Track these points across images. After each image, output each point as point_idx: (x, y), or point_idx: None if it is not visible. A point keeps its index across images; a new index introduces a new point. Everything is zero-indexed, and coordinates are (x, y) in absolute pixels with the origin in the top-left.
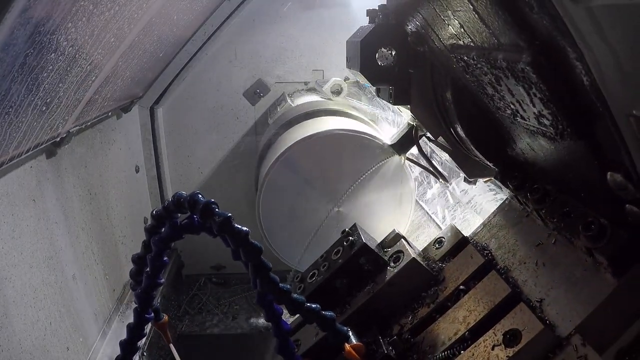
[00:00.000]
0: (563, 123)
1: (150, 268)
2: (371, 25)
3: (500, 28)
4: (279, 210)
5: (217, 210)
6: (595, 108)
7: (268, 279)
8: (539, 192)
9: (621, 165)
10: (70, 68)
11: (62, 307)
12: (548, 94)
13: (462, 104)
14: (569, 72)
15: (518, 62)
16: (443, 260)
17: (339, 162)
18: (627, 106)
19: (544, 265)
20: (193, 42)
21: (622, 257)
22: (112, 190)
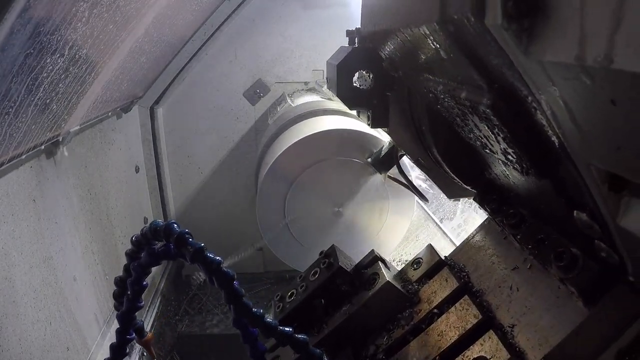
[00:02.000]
0: (527, 163)
1: (130, 292)
2: (349, 47)
3: (461, 68)
4: (279, 210)
5: (191, 240)
6: (557, 153)
7: (241, 304)
8: (515, 217)
9: (586, 205)
10: (70, 68)
11: (62, 307)
12: (509, 136)
13: (438, 129)
14: (529, 117)
15: (479, 103)
16: (420, 282)
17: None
18: (586, 156)
19: (517, 290)
20: (193, 42)
21: (593, 289)
22: (112, 190)
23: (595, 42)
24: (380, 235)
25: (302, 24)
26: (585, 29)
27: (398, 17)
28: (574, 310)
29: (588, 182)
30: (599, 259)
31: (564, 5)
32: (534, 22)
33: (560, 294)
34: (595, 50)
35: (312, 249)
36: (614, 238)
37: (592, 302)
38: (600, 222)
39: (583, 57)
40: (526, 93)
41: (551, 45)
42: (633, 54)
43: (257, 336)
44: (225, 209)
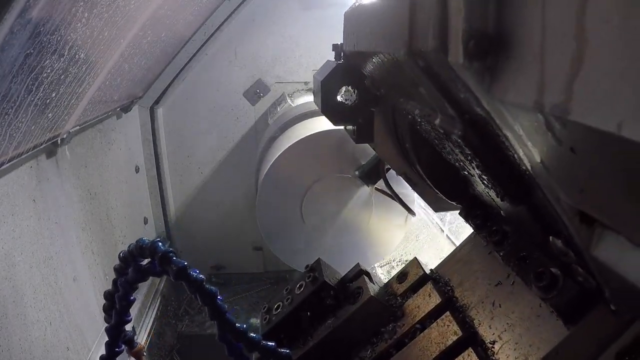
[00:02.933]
0: (501, 190)
1: (119, 307)
2: (334, 63)
3: (434, 97)
4: (279, 210)
5: (174, 259)
6: (529, 185)
7: (225, 321)
8: (498, 234)
9: (561, 232)
10: (70, 68)
11: (62, 307)
12: (482, 164)
13: (420, 147)
14: (500, 149)
15: (451, 132)
16: (404, 296)
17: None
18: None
19: (500, 306)
20: (193, 42)
21: (572, 310)
22: (112, 190)
23: (553, 90)
24: (380, 235)
25: (302, 24)
26: (545, 74)
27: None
28: (554, 328)
29: (560, 213)
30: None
31: (525, 47)
32: (496, 61)
33: (541, 312)
34: (553, 98)
35: (312, 249)
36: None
37: (572, 322)
38: (575, 250)
39: (542, 104)
40: (495, 127)
41: (512, 87)
42: (590, 106)
43: (242, 349)
44: (225, 209)
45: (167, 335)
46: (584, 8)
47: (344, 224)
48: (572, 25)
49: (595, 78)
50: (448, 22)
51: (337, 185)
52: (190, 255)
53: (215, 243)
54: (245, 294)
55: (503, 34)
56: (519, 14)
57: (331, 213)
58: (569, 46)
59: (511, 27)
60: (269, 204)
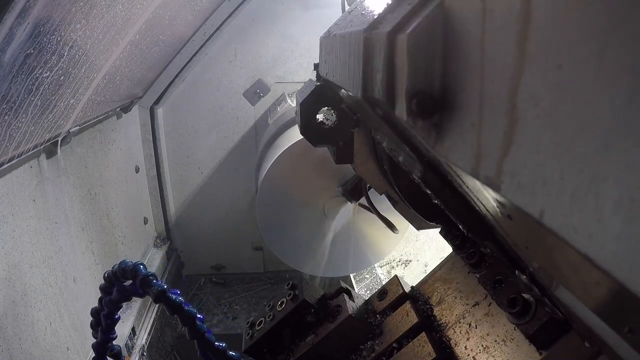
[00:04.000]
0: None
1: (104, 324)
2: (313, 84)
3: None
4: (279, 210)
5: (154, 282)
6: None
7: (204, 340)
8: (476, 256)
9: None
10: (70, 68)
11: (62, 307)
12: (442, 204)
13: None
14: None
15: (412, 172)
16: (383, 314)
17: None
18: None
19: (476, 327)
20: (193, 42)
21: (543, 337)
22: (112, 190)
23: (487, 162)
24: (380, 234)
25: (302, 24)
26: (481, 144)
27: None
28: (527, 353)
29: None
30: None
31: (465, 114)
32: (442, 120)
33: (515, 335)
34: (486, 171)
35: (312, 249)
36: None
37: (545, 348)
38: (539, 287)
39: (477, 173)
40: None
41: (454, 149)
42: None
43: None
44: (225, 209)
45: (167, 335)
46: (517, 85)
47: (344, 224)
48: (504, 100)
49: (521, 159)
50: (394, 77)
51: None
52: (190, 255)
53: (215, 243)
54: (245, 294)
55: (447, 96)
56: (460, 79)
57: (331, 213)
58: (502, 121)
59: (454, 91)
60: (268, 204)
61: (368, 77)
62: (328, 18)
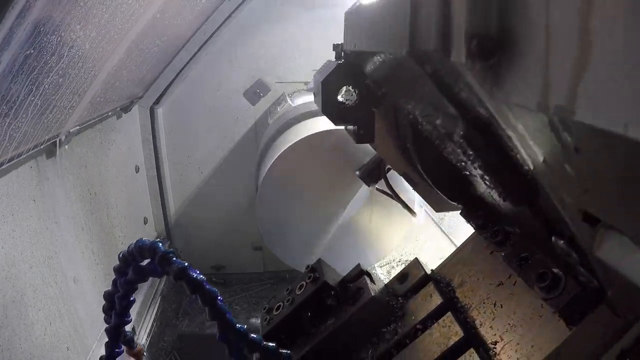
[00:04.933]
0: (503, 191)
1: (119, 307)
2: (335, 62)
3: (436, 98)
4: (279, 210)
5: (174, 260)
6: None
7: (225, 322)
8: (500, 234)
9: (564, 233)
10: (70, 68)
11: (62, 307)
12: (483, 165)
13: (422, 147)
14: (502, 150)
15: (453, 132)
16: (405, 297)
17: (339, 160)
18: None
19: (501, 306)
20: (193, 42)
21: (574, 311)
22: (112, 190)
23: (557, 92)
24: (380, 234)
25: (302, 24)
26: (549, 76)
27: (374, 41)
28: (556, 329)
29: (563, 214)
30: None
31: (529, 48)
32: (500, 62)
33: (542, 312)
34: (557, 100)
35: (312, 249)
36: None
37: (574, 323)
38: (578, 250)
39: (545, 106)
40: (498, 127)
41: (515, 88)
42: (595, 108)
43: (243, 349)
44: (225, 209)
45: (167, 335)
46: (589, 8)
47: (344, 224)
48: (576, 26)
49: (600, 79)
50: (451, 21)
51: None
52: (190, 255)
53: (215, 243)
54: (245, 294)
55: (506, 35)
56: (522, 14)
57: (331, 213)
58: (574, 47)
59: (515, 27)
60: (269, 204)
61: (416, 28)
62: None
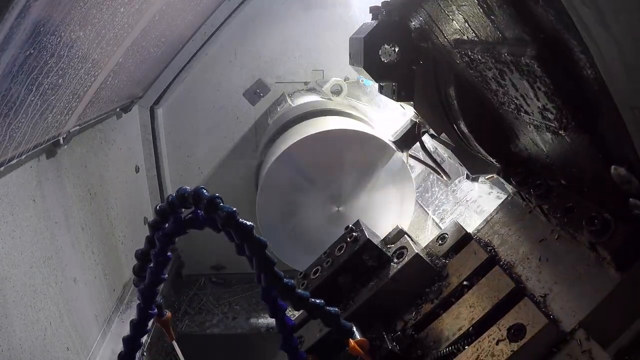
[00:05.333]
0: (567, 117)
1: (154, 263)
2: (374, 22)
3: (505, 22)
4: (279, 210)
5: (222, 205)
6: (599, 101)
7: (273, 273)
8: (542, 187)
9: (625, 158)
10: (70, 68)
11: (62, 307)
12: (552, 87)
13: (466, 100)
14: (574, 65)
15: (522, 56)
16: (446, 256)
17: (338, 161)
18: (631, 99)
19: (547, 260)
20: (193, 42)
21: (626, 252)
22: (112, 190)
23: None
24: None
25: (302, 24)
26: None
27: None
28: (605, 277)
29: (630, 128)
30: (632, 219)
31: None
32: None
33: (590, 262)
34: None
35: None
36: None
37: (624, 268)
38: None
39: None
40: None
41: None
42: None
43: (286, 310)
44: None
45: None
46: None
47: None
48: None
49: None
50: None
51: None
52: (190, 255)
53: (215, 243)
54: (245, 294)
55: None
56: None
57: (331, 213)
58: None
59: None
60: (269, 204)
61: None
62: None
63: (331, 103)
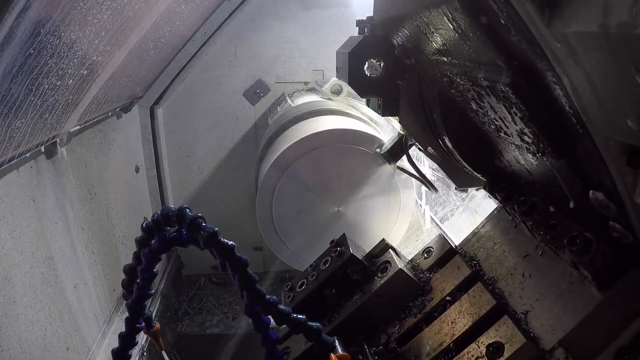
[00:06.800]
0: (544, 142)
1: (141, 279)
2: (360, 36)
3: (480, 48)
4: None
5: (204, 225)
6: (575, 130)
7: (254, 291)
8: (526, 204)
9: (603, 184)
10: (70, 68)
11: (62, 307)
12: (528, 114)
13: (449, 116)
14: (548, 94)
15: (497, 82)
16: (431, 271)
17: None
18: (605, 130)
19: (530, 277)
20: (193, 42)
21: (607, 272)
22: (112, 190)
23: (619, 9)
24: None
25: (302, 24)
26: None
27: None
28: (587, 295)
29: (605, 157)
30: (613, 241)
31: None
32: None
33: (572, 279)
34: (619, 17)
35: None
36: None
37: (606, 286)
38: (616, 200)
39: (607, 25)
40: (546, 68)
41: (574, 15)
42: None
43: (269, 324)
44: (225, 208)
45: (167, 335)
46: None
47: (344, 224)
48: None
49: None
50: None
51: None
52: (190, 255)
53: None
54: None
55: None
56: None
57: (331, 213)
58: None
59: None
60: (269, 203)
61: None
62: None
63: (331, 103)
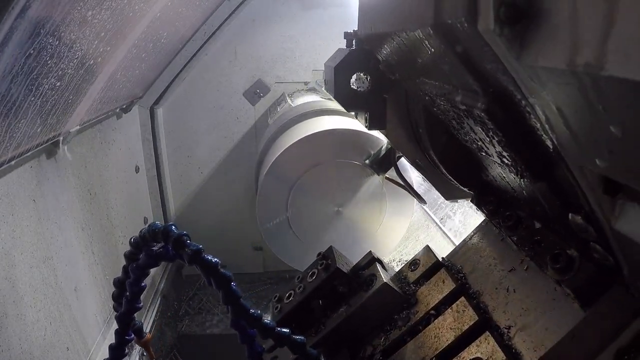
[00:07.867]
0: (522, 166)
1: (130, 293)
2: (347, 50)
3: (456, 73)
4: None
5: (189, 242)
6: (551, 157)
7: (239, 306)
8: (512, 219)
9: (581, 208)
10: (70, 69)
11: (62, 307)
12: (504, 139)
13: (434, 131)
14: (523, 122)
15: (474, 107)
16: (417, 283)
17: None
18: (579, 160)
19: (514, 291)
20: (193, 42)
21: (589, 291)
22: (112, 190)
23: (586, 48)
24: (380, 234)
25: (302, 24)
26: (577, 35)
27: (393, 20)
28: (570, 312)
29: (582, 185)
30: (594, 262)
31: (556, 11)
32: (526, 28)
33: (556, 295)
34: (586, 57)
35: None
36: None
37: (589, 304)
38: (595, 225)
39: (574, 63)
40: (520, 97)
41: (543, 51)
42: (623, 60)
43: (255, 337)
44: (225, 208)
45: (167, 335)
46: None
47: (344, 224)
48: None
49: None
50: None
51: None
52: None
53: (215, 243)
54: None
55: (532, 1)
56: None
57: (331, 213)
58: (601, 8)
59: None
60: (269, 204)
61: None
62: (328, 18)
63: (331, 103)
